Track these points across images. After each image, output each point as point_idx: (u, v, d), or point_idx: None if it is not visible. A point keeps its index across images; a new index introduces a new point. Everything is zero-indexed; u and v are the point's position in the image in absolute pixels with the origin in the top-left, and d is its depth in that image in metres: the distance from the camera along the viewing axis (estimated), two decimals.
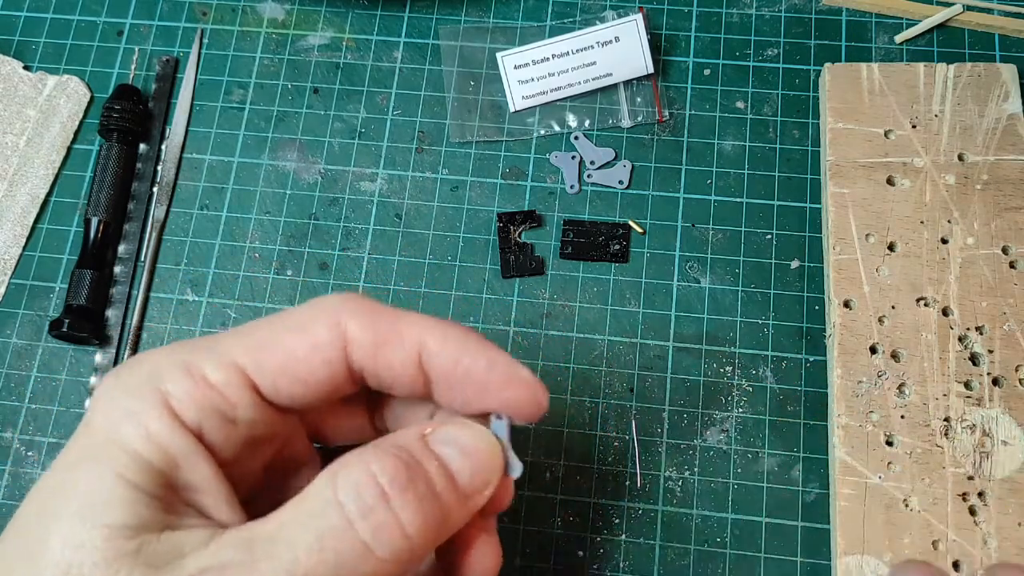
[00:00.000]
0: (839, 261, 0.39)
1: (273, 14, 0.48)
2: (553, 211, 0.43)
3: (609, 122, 0.44)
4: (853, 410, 0.37)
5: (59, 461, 0.23)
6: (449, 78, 0.46)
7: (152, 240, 0.44)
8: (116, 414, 0.23)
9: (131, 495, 0.22)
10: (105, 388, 0.24)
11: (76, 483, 0.22)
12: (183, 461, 0.23)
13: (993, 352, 0.37)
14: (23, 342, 0.43)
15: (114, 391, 0.24)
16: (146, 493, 0.22)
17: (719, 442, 0.39)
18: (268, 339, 0.24)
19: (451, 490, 0.23)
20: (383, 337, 0.24)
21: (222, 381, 0.24)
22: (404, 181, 0.44)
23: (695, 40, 0.46)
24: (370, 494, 0.22)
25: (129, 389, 0.24)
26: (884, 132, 0.41)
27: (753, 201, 0.43)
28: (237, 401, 0.24)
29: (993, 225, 0.39)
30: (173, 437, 0.23)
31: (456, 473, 0.24)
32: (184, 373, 0.24)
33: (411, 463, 0.23)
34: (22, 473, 0.41)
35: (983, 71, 0.41)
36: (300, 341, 0.24)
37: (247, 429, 0.25)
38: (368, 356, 0.24)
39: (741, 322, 0.41)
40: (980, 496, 0.35)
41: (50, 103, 0.46)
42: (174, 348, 0.24)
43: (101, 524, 0.22)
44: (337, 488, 0.22)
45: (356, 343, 0.24)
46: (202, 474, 0.24)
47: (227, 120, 0.46)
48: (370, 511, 0.22)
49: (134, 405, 0.23)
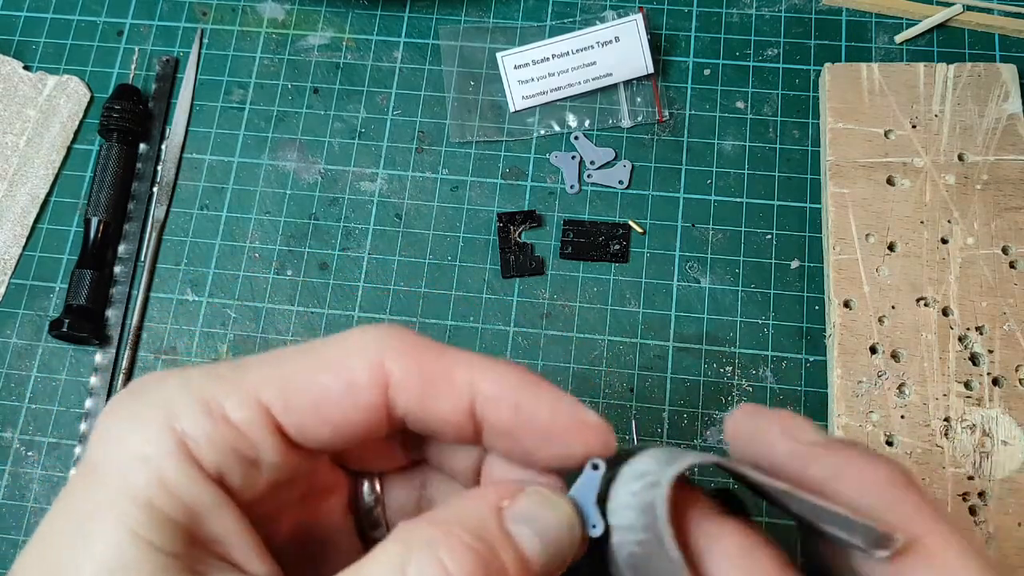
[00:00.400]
0: (839, 261, 0.39)
1: (273, 14, 0.48)
2: (553, 211, 0.43)
3: (609, 122, 0.44)
4: (853, 410, 0.37)
5: (62, 510, 0.21)
6: (449, 78, 0.46)
7: (152, 240, 0.44)
8: (126, 459, 0.21)
9: (151, 558, 0.20)
10: (110, 423, 0.22)
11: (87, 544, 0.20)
12: (205, 512, 0.21)
13: (993, 352, 0.37)
14: (23, 342, 0.43)
15: (122, 429, 0.21)
16: (167, 554, 0.20)
17: (719, 442, 0.39)
18: (298, 376, 0.22)
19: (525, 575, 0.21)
20: (431, 380, 0.22)
21: (245, 421, 0.21)
22: (404, 181, 0.44)
23: (695, 40, 0.46)
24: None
25: (139, 428, 0.21)
26: (884, 132, 0.41)
27: (753, 201, 0.43)
28: (260, 443, 0.22)
29: (993, 225, 0.39)
30: (193, 486, 0.21)
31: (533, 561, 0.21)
32: (203, 411, 0.21)
33: (488, 557, 0.20)
34: (22, 473, 0.41)
35: (983, 71, 0.41)
36: (335, 381, 0.22)
37: (272, 473, 0.22)
38: (414, 401, 0.22)
39: (741, 322, 0.41)
40: (980, 496, 0.35)
41: (50, 103, 0.46)
42: (189, 376, 0.22)
43: None
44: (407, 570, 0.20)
45: (400, 387, 0.22)
46: (227, 524, 0.21)
47: (227, 120, 0.46)
48: None
49: (147, 448, 0.21)
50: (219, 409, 0.21)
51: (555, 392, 0.23)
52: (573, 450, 0.23)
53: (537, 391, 0.22)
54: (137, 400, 0.22)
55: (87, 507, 0.20)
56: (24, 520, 0.40)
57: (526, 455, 0.23)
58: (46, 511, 0.40)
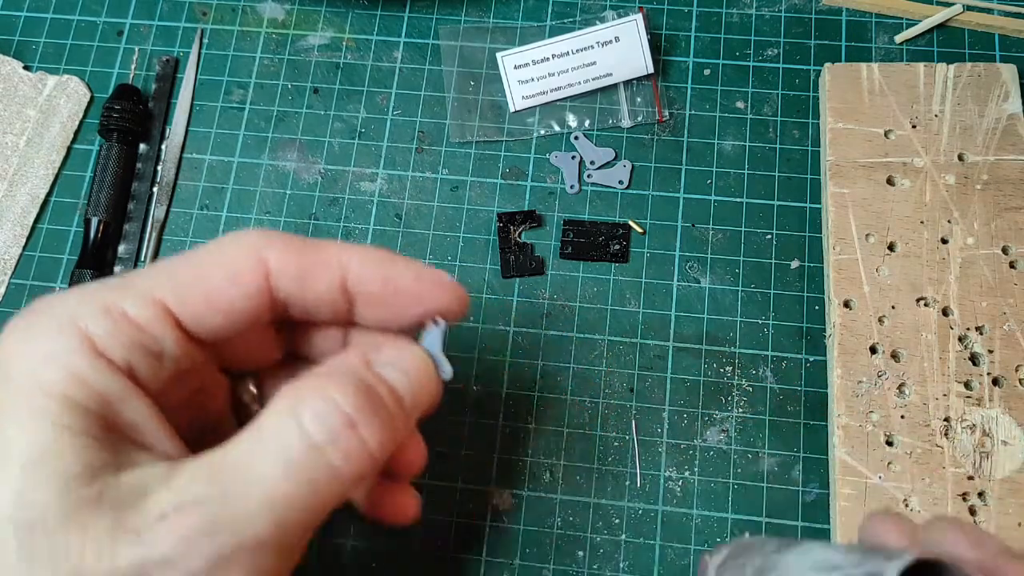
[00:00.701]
0: (839, 261, 0.39)
1: (273, 14, 0.48)
2: (553, 211, 0.43)
3: (609, 122, 0.44)
4: (853, 410, 0.37)
5: None
6: (449, 78, 0.46)
7: (152, 240, 0.44)
8: (35, 359, 0.22)
9: (73, 441, 0.22)
10: (13, 331, 0.23)
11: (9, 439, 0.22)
12: (116, 400, 0.23)
13: (993, 352, 0.37)
14: None
15: (27, 335, 0.23)
16: (88, 436, 0.22)
17: (719, 442, 0.39)
18: (188, 273, 0.25)
19: (400, 408, 0.25)
20: (306, 264, 0.25)
21: (145, 317, 0.24)
22: (404, 181, 0.44)
23: (695, 40, 0.46)
24: (338, 422, 0.23)
25: (44, 331, 0.23)
26: (884, 132, 0.41)
27: (753, 201, 0.43)
28: (162, 336, 0.24)
29: (993, 225, 0.39)
30: (102, 376, 0.23)
31: (402, 393, 0.26)
32: (103, 312, 0.23)
33: (368, 391, 0.24)
34: None
35: (983, 71, 0.41)
36: (222, 272, 0.25)
37: (173, 364, 0.25)
38: (293, 285, 0.25)
39: (741, 322, 0.41)
40: (980, 496, 0.35)
41: (50, 103, 0.46)
42: (85, 290, 0.24)
43: (52, 477, 0.21)
44: (302, 418, 0.23)
45: (280, 273, 0.25)
46: (139, 411, 0.24)
47: (227, 120, 0.46)
48: (339, 437, 0.23)
49: (53, 347, 0.22)
50: (119, 309, 0.23)
51: (416, 263, 0.27)
52: (437, 305, 0.27)
53: (400, 263, 0.27)
54: (38, 314, 0.23)
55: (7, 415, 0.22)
56: None
57: (393, 320, 0.27)
58: None
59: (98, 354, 0.23)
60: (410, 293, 0.27)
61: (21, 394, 0.22)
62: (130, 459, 0.23)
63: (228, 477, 0.22)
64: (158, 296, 0.24)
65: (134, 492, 0.22)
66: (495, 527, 0.39)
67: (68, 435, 0.22)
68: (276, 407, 0.24)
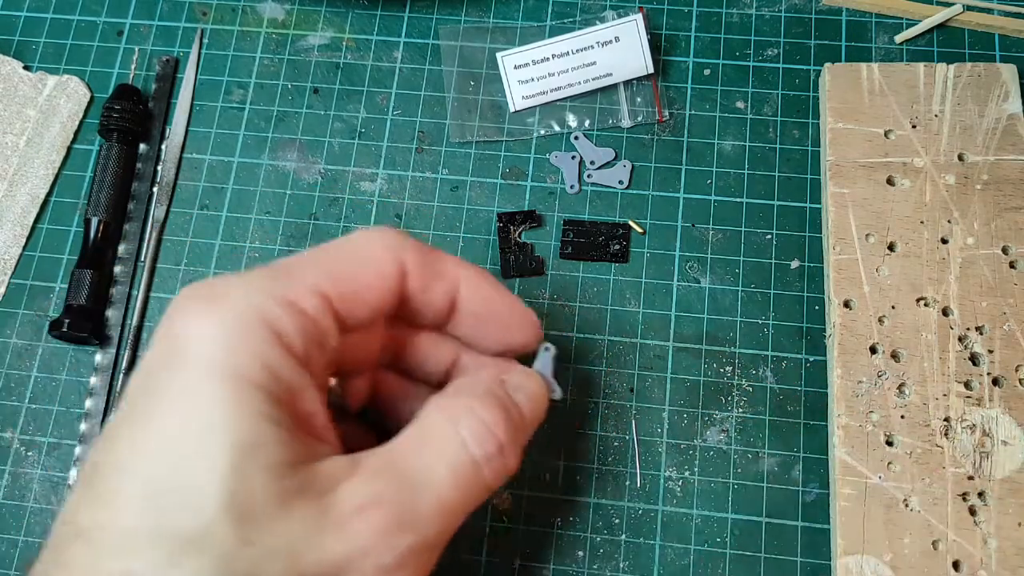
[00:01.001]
0: (839, 261, 0.39)
1: (273, 14, 0.48)
2: (553, 211, 0.43)
3: (609, 122, 0.44)
4: (853, 410, 0.37)
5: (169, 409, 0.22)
6: (449, 78, 0.46)
7: (152, 240, 0.44)
8: (229, 347, 0.23)
9: (275, 432, 0.23)
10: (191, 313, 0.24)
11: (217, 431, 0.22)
12: (299, 392, 0.24)
13: (993, 352, 0.37)
14: (23, 342, 0.43)
15: (211, 319, 0.23)
16: (284, 428, 0.23)
17: (719, 442, 0.39)
18: (341, 268, 0.26)
19: (526, 432, 0.29)
20: (431, 273, 0.28)
21: (316, 310, 0.25)
22: (404, 181, 0.44)
23: (695, 40, 0.46)
24: (492, 446, 0.26)
25: (234, 321, 0.23)
26: (884, 132, 0.41)
27: (753, 201, 0.43)
28: (327, 329, 0.25)
29: (993, 225, 0.39)
30: (290, 369, 0.24)
31: (529, 419, 0.29)
32: (284, 304, 0.24)
33: (506, 414, 0.27)
34: (22, 473, 0.41)
35: (983, 71, 0.41)
36: (371, 271, 0.27)
37: (331, 355, 0.26)
38: (419, 288, 0.28)
39: (741, 322, 0.41)
40: (980, 496, 0.35)
41: (50, 103, 0.46)
42: (257, 278, 0.25)
43: (263, 467, 0.22)
44: (463, 433, 0.26)
45: (412, 276, 0.27)
46: (314, 403, 0.25)
47: (227, 120, 0.46)
48: (492, 459, 0.26)
49: (248, 338, 0.23)
50: (295, 302, 0.24)
51: (510, 294, 0.30)
52: (518, 338, 0.30)
53: (501, 291, 0.30)
54: (219, 300, 0.24)
55: (206, 400, 0.22)
56: (24, 520, 0.40)
57: (479, 338, 0.30)
58: (46, 511, 0.41)
59: (286, 347, 0.24)
60: (502, 321, 0.30)
61: (220, 382, 0.23)
62: (315, 451, 0.24)
63: (406, 477, 0.24)
64: (323, 289, 0.25)
65: (326, 484, 0.23)
66: (495, 527, 0.39)
67: (271, 426, 0.23)
68: (434, 417, 0.26)
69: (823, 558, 0.37)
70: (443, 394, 0.28)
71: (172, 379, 0.23)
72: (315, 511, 0.22)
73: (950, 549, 0.35)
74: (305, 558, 0.22)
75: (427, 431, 0.26)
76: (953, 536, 0.35)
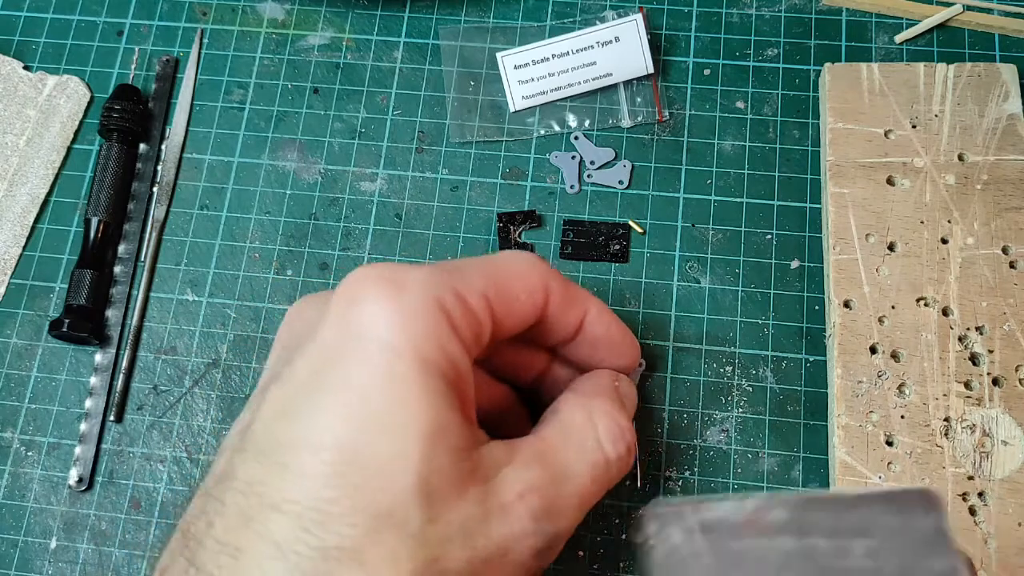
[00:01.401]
0: (839, 261, 0.39)
1: (273, 14, 0.48)
2: (553, 211, 0.43)
3: (609, 122, 0.44)
4: (853, 410, 0.37)
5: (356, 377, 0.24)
6: (449, 78, 0.46)
7: (152, 240, 0.44)
8: (418, 334, 0.24)
9: (458, 418, 0.24)
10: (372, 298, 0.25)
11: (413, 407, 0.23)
12: (467, 381, 0.26)
13: (993, 352, 0.37)
14: (23, 342, 0.43)
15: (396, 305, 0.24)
16: (462, 415, 0.24)
17: (719, 442, 0.39)
18: (502, 282, 0.28)
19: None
20: (568, 298, 0.30)
21: (480, 310, 0.26)
22: (404, 181, 0.44)
23: (695, 40, 0.46)
24: (623, 447, 0.29)
25: (419, 309, 0.25)
26: (884, 132, 0.41)
27: (753, 201, 0.43)
28: (485, 328, 0.27)
29: (993, 225, 0.39)
30: (463, 360, 0.25)
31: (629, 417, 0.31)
32: (457, 298, 0.26)
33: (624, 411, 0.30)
34: (22, 473, 0.41)
35: (983, 71, 0.41)
36: (524, 288, 0.29)
37: (481, 353, 0.28)
38: (558, 312, 0.30)
39: (741, 322, 0.41)
40: (980, 496, 0.36)
41: (50, 103, 0.46)
42: (431, 269, 0.26)
43: (448, 451, 0.23)
44: (600, 435, 0.28)
45: (553, 299, 0.29)
46: (471, 392, 0.26)
47: (227, 120, 0.46)
48: (620, 458, 0.28)
49: (432, 327, 0.25)
50: (466, 299, 0.26)
51: (624, 324, 0.33)
52: (625, 361, 0.33)
53: (618, 320, 0.33)
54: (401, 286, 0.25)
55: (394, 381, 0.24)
56: (24, 520, 0.40)
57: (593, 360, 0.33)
58: (46, 511, 0.41)
59: (461, 339, 0.25)
60: (616, 346, 0.32)
61: (407, 364, 0.24)
62: (479, 436, 0.26)
63: (554, 469, 0.26)
64: (487, 293, 0.27)
65: (492, 467, 0.25)
66: None
67: (451, 410, 0.24)
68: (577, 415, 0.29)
69: None
70: (577, 392, 0.31)
71: (354, 358, 0.24)
72: (483, 495, 0.24)
73: None
74: (476, 540, 0.23)
75: (569, 427, 0.28)
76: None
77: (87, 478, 0.40)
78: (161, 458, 0.40)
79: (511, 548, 0.24)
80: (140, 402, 0.41)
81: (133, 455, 0.41)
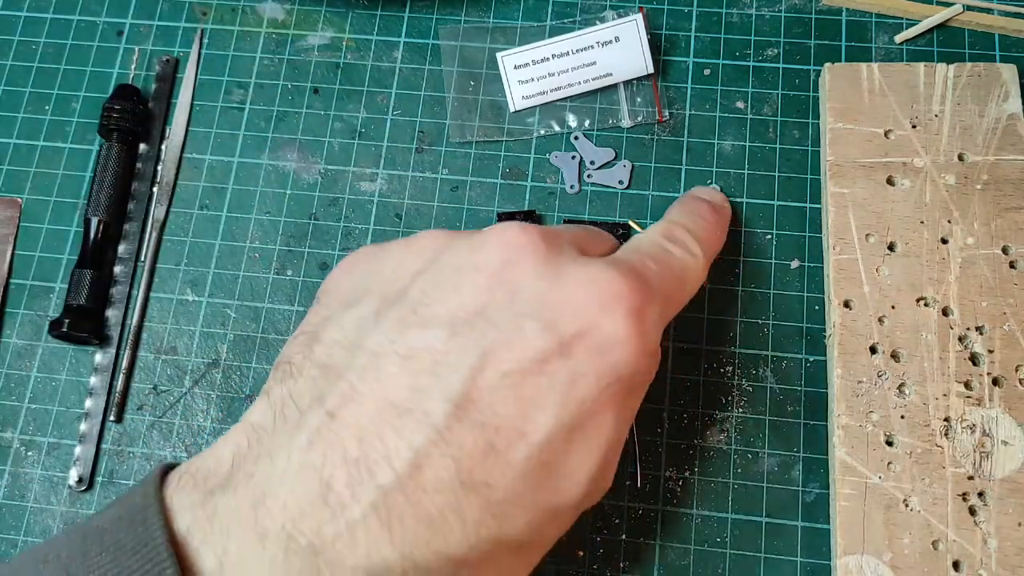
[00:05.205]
0: (839, 261, 0.39)
1: (273, 14, 0.48)
2: (553, 211, 0.43)
3: (609, 122, 0.44)
4: (853, 410, 0.37)
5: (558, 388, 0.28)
6: (449, 78, 0.46)
7: (152, 240, 0.44)
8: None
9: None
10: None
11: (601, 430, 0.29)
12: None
13: (993, 352, 0.37)
14: (23, 342, 0.43)
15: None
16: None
17: (719, 442, 0.39)
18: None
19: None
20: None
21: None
22: (404, 181, 0.44)
23: (695, 40, 0.46)
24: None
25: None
26: (884, 132, 0.41)
27: (753, 201, 0.43)
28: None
29: (993, 225, 0.39)
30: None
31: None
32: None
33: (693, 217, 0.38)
34: (22, 473, 0.41)
35: (983, 71, 0.41)
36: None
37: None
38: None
39: (741, 322, 0.41)
40: (980, 496, 0.36)
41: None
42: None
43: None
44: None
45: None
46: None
47: (227, 120, 0.46)
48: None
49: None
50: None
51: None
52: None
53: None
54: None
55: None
56: (24, 520, 0.40)
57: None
58: (46, 511, 0.41)
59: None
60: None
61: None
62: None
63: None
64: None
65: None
66: None
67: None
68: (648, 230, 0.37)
69: (823, 558, 0.37)
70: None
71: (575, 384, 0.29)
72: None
73: (950, 549, 0.35)
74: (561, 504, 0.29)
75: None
76: (953, 536, 0.35)
77: (87, 478, 0.40)
78: (161, 458, 0.40)
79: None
80: (140, 402, 0.41)
81: (133, 455, 0.41)
